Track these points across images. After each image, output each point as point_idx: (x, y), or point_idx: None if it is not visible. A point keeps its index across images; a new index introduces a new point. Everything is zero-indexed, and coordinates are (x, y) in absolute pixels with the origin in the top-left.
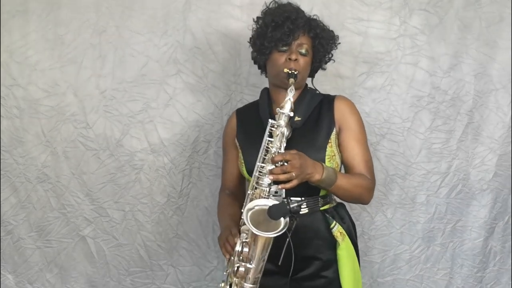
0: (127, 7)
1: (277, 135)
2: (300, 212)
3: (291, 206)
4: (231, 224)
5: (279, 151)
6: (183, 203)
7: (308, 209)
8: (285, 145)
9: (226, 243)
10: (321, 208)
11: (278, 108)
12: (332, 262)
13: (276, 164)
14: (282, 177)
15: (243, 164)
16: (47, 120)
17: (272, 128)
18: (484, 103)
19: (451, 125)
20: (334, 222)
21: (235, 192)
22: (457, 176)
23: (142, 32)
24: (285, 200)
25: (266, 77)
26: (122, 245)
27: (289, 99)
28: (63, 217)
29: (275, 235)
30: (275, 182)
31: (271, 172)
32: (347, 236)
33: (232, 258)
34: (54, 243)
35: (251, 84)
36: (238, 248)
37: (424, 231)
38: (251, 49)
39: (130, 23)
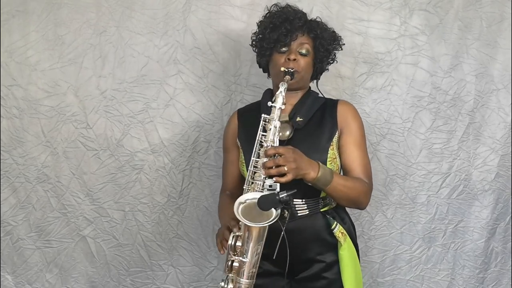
0: (127, 7)
1: (270, 129)
2: (299, 214)
3: (281, 196)
4: (229, 221)
5: (273, 145)
6: (183, 203)
7: (308, 211)
8: (278, 139)
9: (222, 239)
10: (322, 210)
11: (269, 102)
12: (334, 264)
13: (270, 158)
14: (274, 170)
15: (244, 164)
16: (47, 120)
17: (265, 123)
18: (485, 103)
19: (452, 125)
20: (335, 222)
21: (236, 193)
22: (459, 176)
23: (142, 32)
24: (276, 191)
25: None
26: (122, 245)
27: (281, 92)
28: (63, 217)
29: (264, 224)
30: (270, 177)
31: (263, 165)
32: (348, 237)
33: (226, 251)
34: (54, 243)
35: (251, 85)
36: (230, 241)
37: (425, 231)
38: (255, 52)
39: (130, 24)
